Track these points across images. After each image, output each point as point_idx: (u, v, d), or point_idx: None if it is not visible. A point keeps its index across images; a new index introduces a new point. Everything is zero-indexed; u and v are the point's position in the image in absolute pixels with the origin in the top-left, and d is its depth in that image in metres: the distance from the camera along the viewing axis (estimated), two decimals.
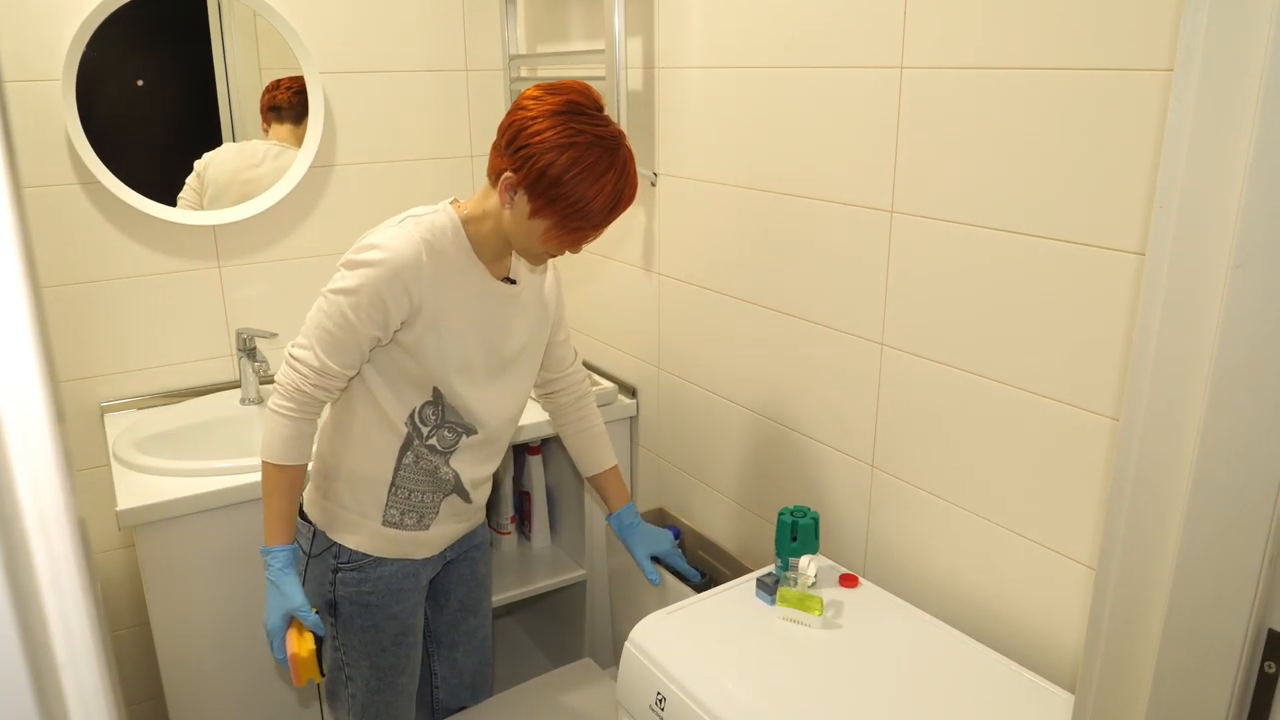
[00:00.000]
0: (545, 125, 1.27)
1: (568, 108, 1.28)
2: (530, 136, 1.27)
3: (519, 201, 1.30)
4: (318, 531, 1.46)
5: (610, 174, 1.29)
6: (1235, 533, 0.65)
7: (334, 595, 1.47)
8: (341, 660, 1.52)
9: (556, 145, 1.26)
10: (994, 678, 1.20)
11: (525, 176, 1.28)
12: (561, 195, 1.27)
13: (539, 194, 1.28)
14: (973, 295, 1.25)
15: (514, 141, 1.28)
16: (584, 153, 1.27)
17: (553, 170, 1.26)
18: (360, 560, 1.46)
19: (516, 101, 1.33)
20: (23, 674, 0.44)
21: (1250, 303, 0.61)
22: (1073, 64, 1.08)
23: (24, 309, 0.43)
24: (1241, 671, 0.67)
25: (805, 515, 1.41)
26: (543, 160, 1.26)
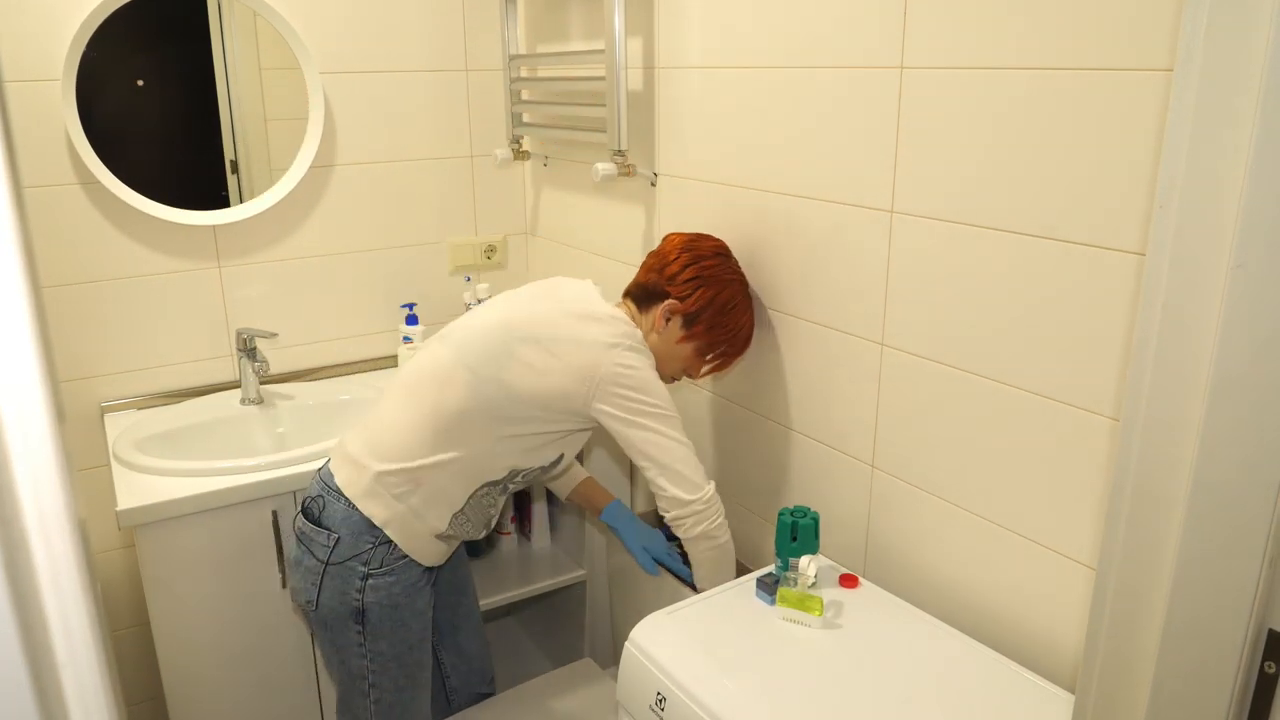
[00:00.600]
0: (712, 263, 1.53)
1: (723, 251, 1.56)
2: (702, 270, 1.52)
3: (671, 328, 1.52)
4: (341, 537, 1.44)
5: (751, 308, 1.58)
6: (1235, 533, 0.65)
7: (362, 602, 1.46)
8: (365, 669, 1.51)
9: (722, 280, 1.53)
10: (994, 678, 1.20)
11: (692, 304, 1.50)
12: (720, 323, 1.52)
13: (701, 320, 1.51)
14: (973, 295, 1.25)
15: (684, 271, 1.51)
16: (740, 288, 1.56)
17: (720, 299, 1.52)
18: (394, 564, 1.46)
19: (668, 244, 1.56)
20: (23, 674, 0.44)
21: (1250, 303, 0.61)
22: (1073, 64, 1.08)
23: (24, 309, 0.43)
24: (1241, 672, 0.67)
25: (805, 515, 1.41)
26: (711, 290, 1.51)
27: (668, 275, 1.51)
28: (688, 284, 1.50)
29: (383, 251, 2.21)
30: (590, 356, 1.41)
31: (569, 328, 1.45)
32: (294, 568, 1.52)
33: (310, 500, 1.51)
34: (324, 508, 1.48)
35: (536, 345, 1.43)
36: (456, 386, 1.44)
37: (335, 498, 1.47)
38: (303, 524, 1.50)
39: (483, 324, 1.49)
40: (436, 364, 1.48)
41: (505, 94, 2.20)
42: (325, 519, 1.47)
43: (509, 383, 1.42)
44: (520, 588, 2.03)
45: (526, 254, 2.42)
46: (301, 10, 1.98)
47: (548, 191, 2.28)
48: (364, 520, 1.45)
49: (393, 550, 1.46)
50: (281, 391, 2.04)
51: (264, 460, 1.71)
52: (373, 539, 1.45)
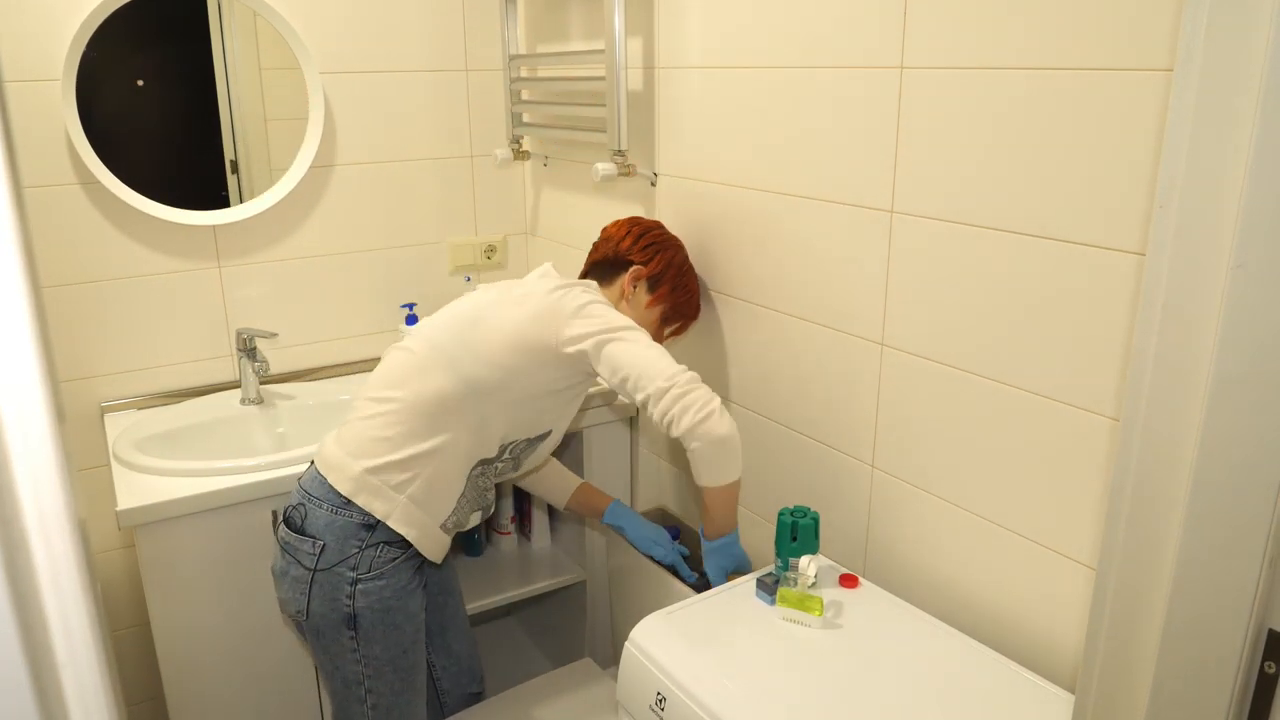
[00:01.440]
0: (653, 233, 1.65)
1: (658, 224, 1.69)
2: (658, 235, 1.65)
3: (639, 294, 1.62)
4: (326, 544, 1.43)
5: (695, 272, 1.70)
6: (1235, 533, 0.65)
7: (353, 608, 1.44)
8: (361, 674, 1.49)
9: (674, 244, 1.66)
10: (994, 678, 1.20)
11: (654, 266, 1.61)
12: (680, 283, 1.64)
13: (665, 281, 1.62)
14: (973, 295, 1.25)
15: (643, 239, 1.63)
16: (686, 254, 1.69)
17: (677, 259, 1.65)
18: (383, 567, 1.45)
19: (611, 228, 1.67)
20: (23, 674, 0.44)
21: (1250, 303, 0.61)
22: (1073, 64, 1.08)
23: (24, 309, 0.43)
24: (1241, 672, 0.66)
25: (805, 515, 1.41)
26: (668, 252, 1.63)
27: (623, 248, 1.62)
28: (646, 249, 1.62)
29: (383, 251, 2.21)
30: (551, 298, 1.47)
31: (529, 285, 1.52)
32: (280, 579, 1.49)
33: (291, 509, 1.49)
34: (306, 515, 1.46)
35: (498, 305, 1.50)
36: (432, 372, 1.45)
37: (317, 505, 1.45)
38: (286, 534, 1.48)
39: (448, 312, 1.54)
40: (407, 359, 1.49)
41: (505, 94, 2.20)
42: (309, 527, 1.45)
43: (480, 349, 1.45)
44: (520, 588, 2.03)
45: (526, 254, 2.42)
46: (301, 10, 1.98)
47: (548, 191, 2.28)
48: (350, 524, 1.43)
49: (381, 553, 1.44)
50: (281, 391, 2.04)
51: (264, 460, 1.71)
52: (359, 543, 1.43)
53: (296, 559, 1.46)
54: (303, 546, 1.45)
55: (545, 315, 1.45)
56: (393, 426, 1.45)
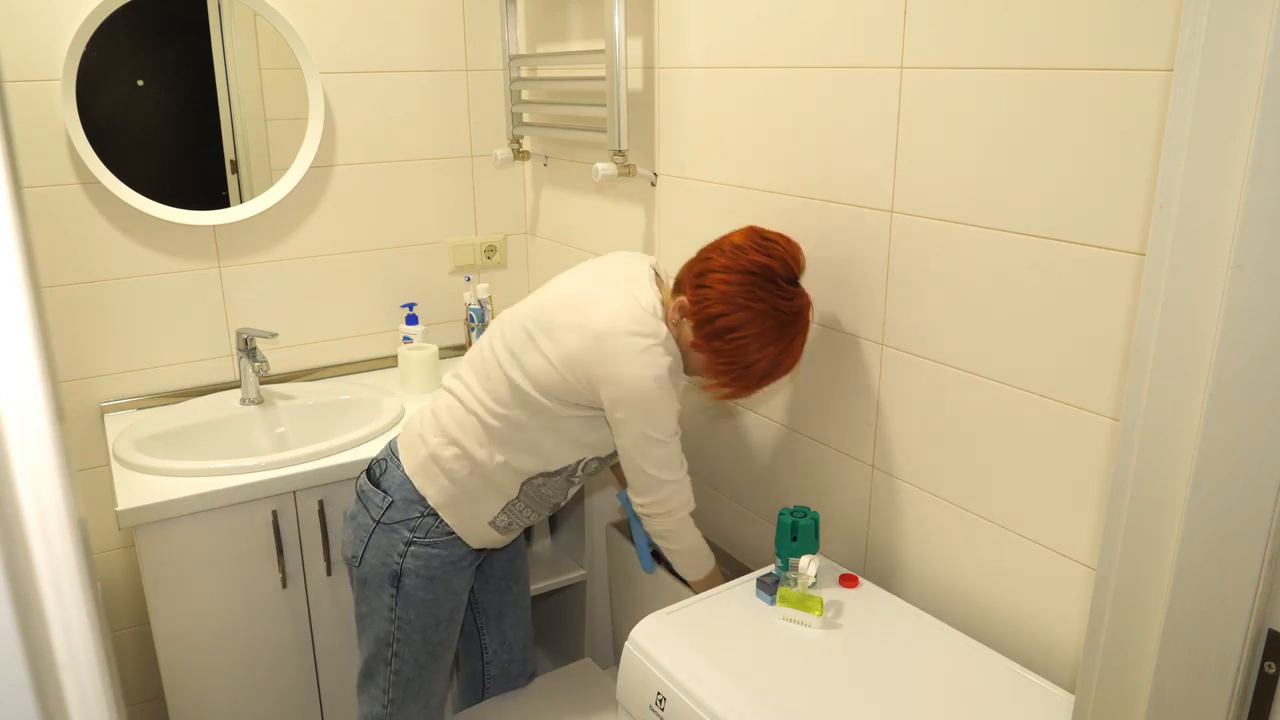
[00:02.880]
0: (732, 280, 1.33)
1: (760, 271, 1.33)
2: (714, 282, 1.34)
3: (684, 327, 1.39)
4: (394, 501, 1.48)
5: (775, 346, 1.34)
6: (1235, 533, 0.65)
7: (401, 567, 1.49)
8: (393, 635, 1.53)
9: (732, 302, 1.32)
10: (994, 678, 1.20)
11: (697, 313, 1.36)
12: (723, 349, 1.35)
13: (702, 335, 1.36)
14: (972, 295, 1.25)
15: (699, 277, 1.36)
16: (757, 319, 1.32)
17: (720, 323, 1.33)
18: (439, 537, 1.49)
19: (725, 237, 1.39)
20: (23, 674, 0.44)
21: (1250, 303, 0.61)
22: (1073, 64, 1.08)
23: (24, 309, 0.43)
24: (1241, 672, 0.67)
25: (805, 515, 1.41)
26: (714, 309, 1.33)
27: (693, 272, 1.38)
28: (697, 290, 1.36)
29: (383, 251, 2.21)
30: (593, 349, 1.34)
31: (583, 313, 1.38)
32: (348, 522, 1.57)
33: (375, 462, 1.56)
34: (385, 470, 1.52)
35: (547, 334, 1.40)
36: (495, 381, 1.45)
37: (397, 465, 1.51)
38: (364, 483, 1.55)
39: (525, 310, 1.48)
40: (482, 354, 1.49)
41: (505, 94, 2.20)
42: (384, 481, 1.51)
43: (531, 373, 1.41)
44: None
45: (527, 254, 2.42)
46: (301, 10, 1.98)
47: (548, 191, 2.28)
48: (418, 492, 1.48)
49: (440, 524, 1.49)
50: (281, 391, 2.04)
51: (264, 460, 1.71)
52: (422, 509, 1.48)
53: (366, 507, 1.52)
54: (374, 498, 1.51)
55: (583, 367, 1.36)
56: (461, 422, 1.47)
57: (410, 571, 1.49)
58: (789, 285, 1.35)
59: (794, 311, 1.34)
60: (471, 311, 2.24)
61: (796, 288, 1.36)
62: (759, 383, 1.39)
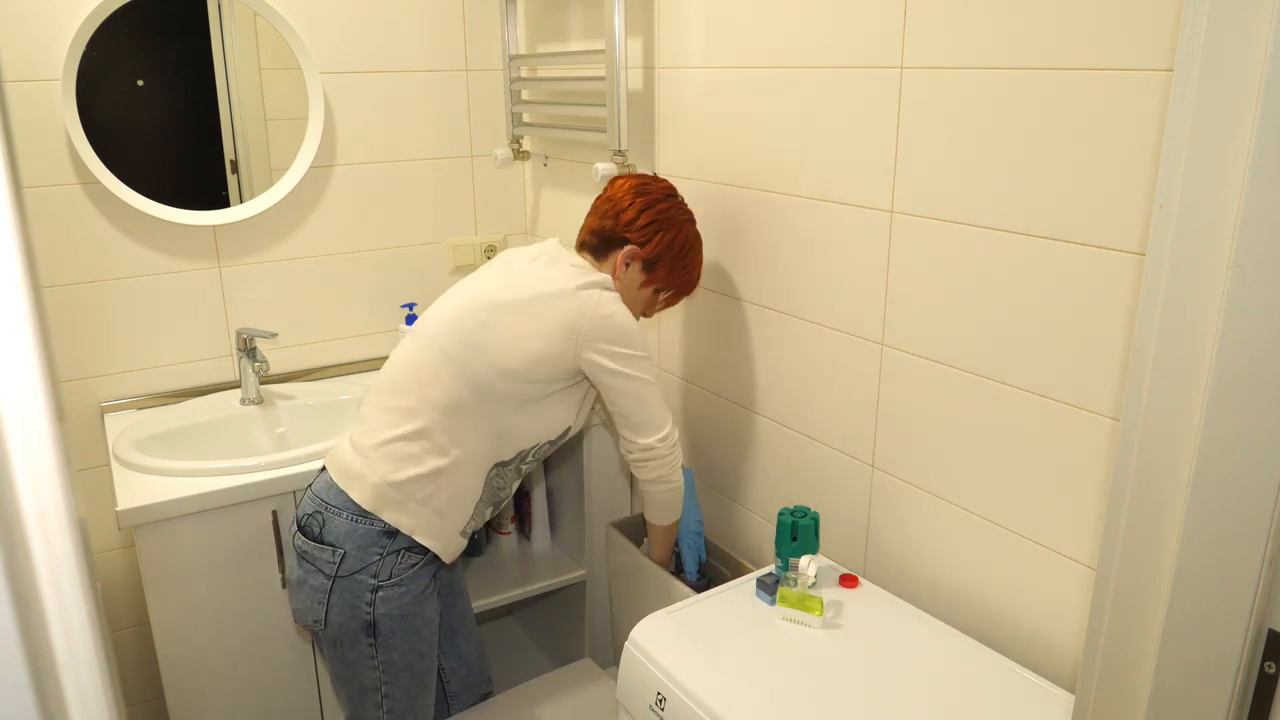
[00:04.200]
0: (666, 205, 1.54)
1: (672, 192, 1.58)
2: (660, 212, 1.53)
3: (631, 273, 1.54)
4: (347, 552, 1.42)
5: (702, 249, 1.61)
6: (1235, 533, 0.65)
7: (373, 615, 1.44)
8: (378, 680, 1.49)
9: (678, 221, 1.55)
10: (994, 678, 1.20)
11: (652, 249, 1.52)
12: (680, 264, 1.56)
13: (661, 264, 1.54)
14: (972, 295, 1.25)
15: (641, 215, 1.52)
16: (689, 225, 1.57)
17: (679, 240, 1.54)
18: (403, 574, 1.45)
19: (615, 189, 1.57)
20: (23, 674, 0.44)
21: (1250, 303, 0.61)
22: (1073, 64, 1.08)
23: (24, 309, 0.43)
24: (1241, 672, 0.67)
25: (805, 515, 1.41)
26: (670, 232, 1.53)
27: (624, 221, 1.52)
28: (645, 229, 1.52)
29: (383, 251, 2.21)
30: (568, 308, 1.43)
31: (537, 283, 1.46)
32: (297, 589, 1.48)
33: (307, 518, 1.47)
34: (324, 524, 1.44)
35: (508, 310, 1.44)
36: (442, 380, 1.43)
37: (336, 513, 1.43)
38: (303, 543, 1.46)
39: (451, 309, 1.48)
40: (414, 363, 1.46)
41: (505, 94, 2.20)
42: (328, 535, 1.43)
43: (493, 358, 1.42)
44: (520, 588, 2.03)
45: None
46: (301, 10, 1.98)
47: (548, 191, 2.28)
48: (371, 532, 1.42)
49: (402, 559, 1.44)
50: (281, 391, 2.04)
51: (264, 460, 1.71)
52: (380, 550, 1.42)
53: (316, 567, 1.44)
54: (322, 555, 1.43)
55: (571, 328, 1.42)
56: (411, 439, 1.43)
57: (384, 616, 1.44)
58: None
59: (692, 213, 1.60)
60: None
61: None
62: (698, 282, 1.64)
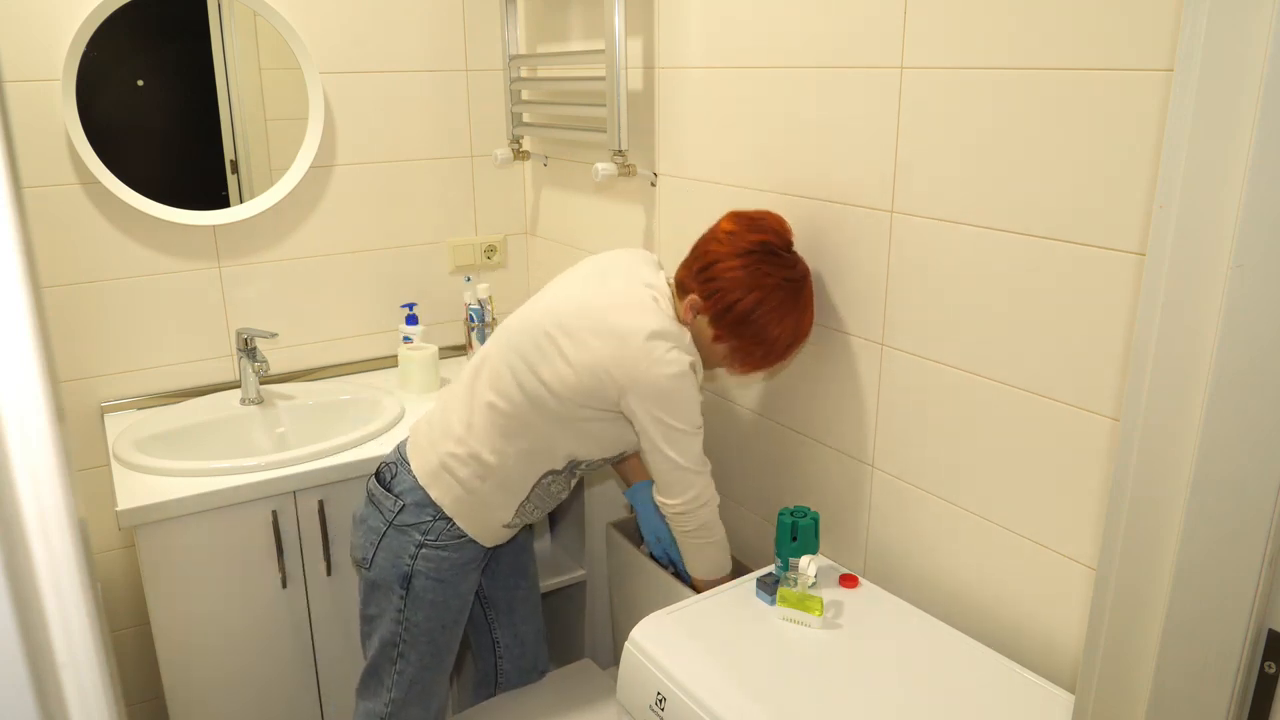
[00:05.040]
0: (736, 265, 1.37)
1: (759, 248, 1.38)
2: (722, 272, 1.38)
3: (700, 324, 1.43)
4: (406, 505, 1.49)
5: (792, 316, 1.40)
6: (1235, 533, 0.65)
7: (412, 569, 1.50)
8: (400, 635, 1.54)
9: (744, 285, 1.37)
10: (994, 678, 1.20)
11: (712, 306, 1.39)
12: (746, 332, 1.39)
13: (724, 325, 1.40)
14: (972, 295, 1.25)
15: (704, 272, 1.40)
16: (770, 294, 1.37)
17: (739, 308, 1.38)
18: (450, 540, 1.50)
19: (713, 230, 1.44)
20: (23, 674, 0.44)
21: (1250, 303, 0.61)
22: (1073, 64, 1.08)
23: (24, 309, 0.43)
24: (1241, 672, 0.67)
25: (805, 515, 1.41)
26: (730, 297, 1.38)
27: (695, 269, 1.42)
28: (706, 284, 1.40)
29: (383, 251, 2.21)
30: (628, 356, 1.36)
31: (609, 312, 1.39)
32: (358, 525, 1.57)
33: (385, 465, 1.56)
34: (395, 474, 1.53)
35: (569, 337, 1.40)
36: (505, 385, 1.45)
37: (407, 470, 1.51)
38: (374, 485, 1.55)
39: (532, 313, 1.48)
40: (489, 360, 1.49)
41: (505, 94, 2.20)
42: (395, 485, 1.51)
43: (547, 379, 1.41)
44: None
45: (526, 254, 2.42)
46: (301, 10, 1.98)
47: (548, 191, 2.28)
48: (427, 496, 1.49)
49: (451, 527, 1.50)
50: (281, 391, 2.04)
51: (264, 460, 1.71)
52: (434, 514, 1.49)
53: (378, 509, 1.52)
54: (385, 501, 1.51)
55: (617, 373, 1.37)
56: (470, 431, 1.47)
57: (420, 573, 1.50)
58: (787, 254, 1.41)
59: (800, 277, 1.40)
60: (471, 312, 2.24)
61: (794, 254, 1.42)
62: (785, 353, 1.44)
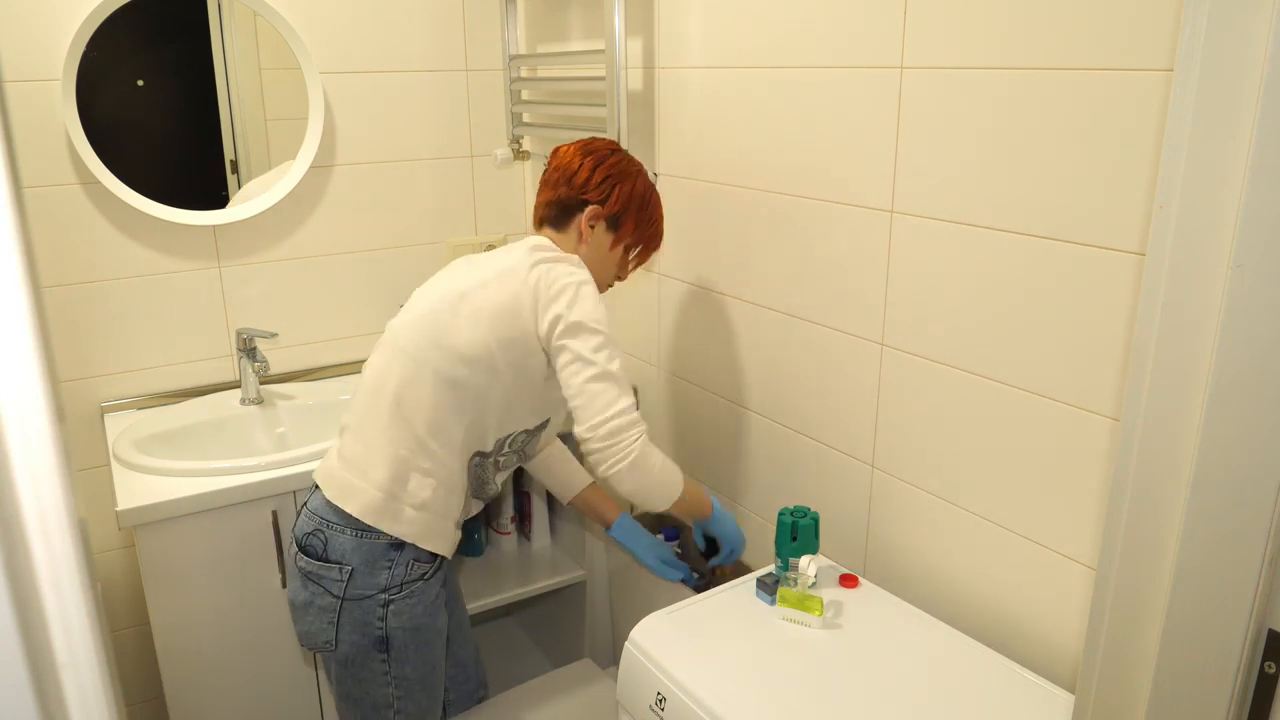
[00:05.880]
0: (613, 160, 1.49)
1: (613, 146, 1.52)
2: (611, 167, 1.48)
3: (598, 235, 1.48)
4: (354, 569, 1.40)
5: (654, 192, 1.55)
6: (1235, 533, 0.65)
7: (385, 630, 1.42)
8: (391, 696, 1.47)
9: (631, 171, 1.50)
10: (994, 678, 1.20)
11: (616, 202, 1.47)
12: (645, 215, 1.51)
13: (629, 217, 1.49)
14: (972, 295, 1.25)
15: (587, 182, 1.47)
16: (643, 173, 1.53)
17: (638, 189, 1.50)
18: (412, 584, 1.43)
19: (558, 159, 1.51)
20: (23, 674, 0.44)
21: (1250, 303, 0.61)
22: (1073, 64, 1.08)
23: (24, 309, 0.43)
24: (1241, 672, 0.67)
25: (805, 515, 1.41)
26: (629, 183, 1.48)
27: (578, 184, 1.47)
28: (601, 185, 1.46)
29: (383, 251, 2.21)
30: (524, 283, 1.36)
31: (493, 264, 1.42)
32: (303, 611, 1.45)
33: (307, 537, 1.43)
34: (327, 542, 1.41)
35: (465, 298, 1.39)
36: (415, 383, 1.39)
37: (338, 530, 1.40)
38: (307, 563, 1.43)
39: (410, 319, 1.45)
40: (385, 372, 1.42)
41: (505, 94, 2.20)
42: (332, 553, 1.41)
43: (462, 348, 1.36)
44: (520, 588, 2.03)
45: None
46: (301, 10, 1.98)
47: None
48: (377, 545, 1.40)
49: (411, 569, 1.42)
50: (281, 391, 2.04)
51: (264, 460, 1.71)
52: (389, 562, 1.41)
53: (323, 587, 1.42)
54: (329, 574, 1.41)
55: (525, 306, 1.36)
56: (396, 446, 1.40)
57: (396, 630, 1.42)
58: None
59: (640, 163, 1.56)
60: None
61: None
62: (662, 227, 1.57)
